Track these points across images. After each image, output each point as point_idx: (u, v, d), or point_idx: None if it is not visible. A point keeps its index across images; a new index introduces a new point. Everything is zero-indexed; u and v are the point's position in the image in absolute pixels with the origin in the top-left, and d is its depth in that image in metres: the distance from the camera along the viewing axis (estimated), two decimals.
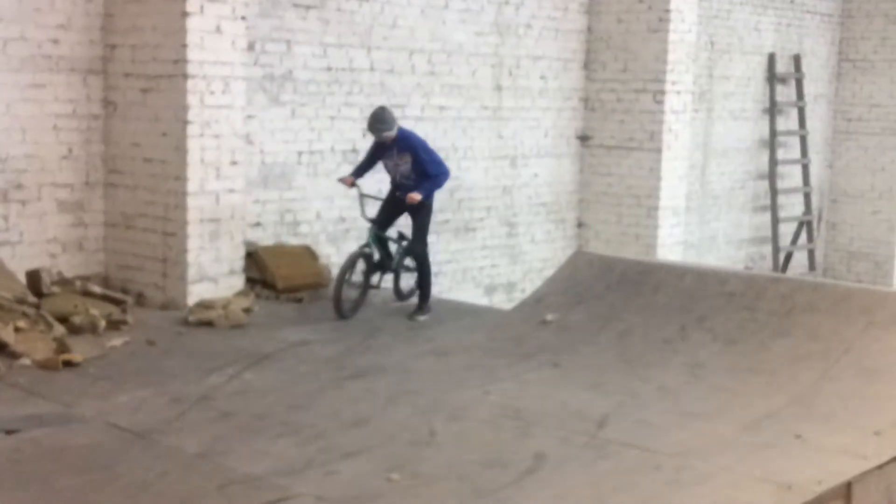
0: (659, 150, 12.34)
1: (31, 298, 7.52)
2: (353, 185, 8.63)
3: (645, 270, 8.41)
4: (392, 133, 8.42)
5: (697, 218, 14.25)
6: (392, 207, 8.72)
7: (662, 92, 12.30)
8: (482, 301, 11.45)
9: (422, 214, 8.61)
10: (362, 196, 8.68)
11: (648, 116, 12.42)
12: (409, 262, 8.88)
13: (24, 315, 7.15)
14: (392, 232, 8.90)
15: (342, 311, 8.32)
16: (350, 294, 8.53)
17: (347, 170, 10.44)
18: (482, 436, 5.79)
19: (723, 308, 7.65)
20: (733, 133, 14.84)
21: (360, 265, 8.61)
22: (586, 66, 12.86)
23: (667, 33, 12.24)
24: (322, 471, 5.17)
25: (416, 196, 8.34)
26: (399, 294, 9.20)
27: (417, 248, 8.68)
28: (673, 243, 12.52)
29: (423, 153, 8.50)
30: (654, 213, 12.38)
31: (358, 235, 10.61)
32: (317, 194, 10.21)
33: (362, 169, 8.73)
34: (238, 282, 8.79)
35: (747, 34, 14.88)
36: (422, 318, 8.58)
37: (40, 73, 8.44)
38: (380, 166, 8.75)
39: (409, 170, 8.51)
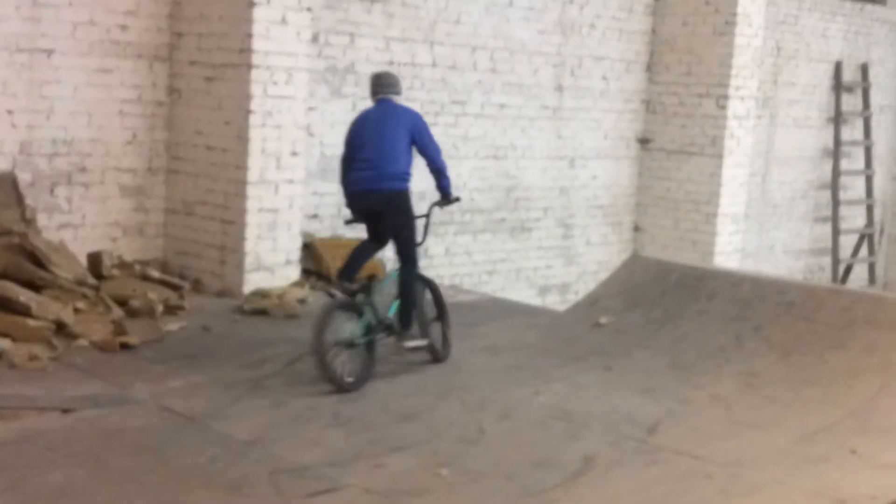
0: (720, 156, 12.20)
1: (91, 280, 7.63)
2: None
3: (701, 277, 8.32)
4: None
5: (756, 226, 14.06)
6: None
7: (726, 97, 12.16)
8: (535, 301, 11.41)
9: None
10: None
11: (711, 121, 12.28)
12: None
13: (84, 297, 7.26)
14: None
15: None
16: None
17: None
18: (531, 436, 5.76)
19: (780, 318, 7.54)
20: (796, 141, 14.62)
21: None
22: (649, 68, 12.76)
23: (733, 37, 12.09)
24: (370, 463, 5.19)
25: None
26: None
27: None
28: (731, 251, 12.37)
29: None
30: (712, 220, 12.24)
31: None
32: None
33: None
34: (294, 272, 8.84)
35: (814, 41, 14.64)
36: None
37: (108, 58, 8.56)
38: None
39: None
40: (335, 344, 6.32)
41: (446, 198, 6.97)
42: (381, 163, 6.61)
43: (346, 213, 9.92)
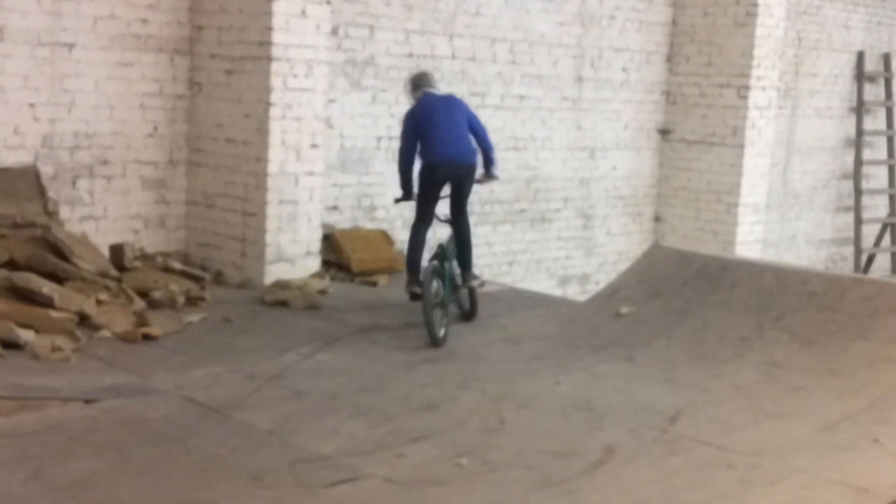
0: (741, 146, 12.16)
1: (114, 272, 7.67)
2: None
3: (723, 267, 8.28)
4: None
5: (778, 216, 13.99)
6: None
7: (747, 87, 12.10)
8: (555, 292, 11.39)
9: None
10: None
11: (732, 112, 12.23)
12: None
13: (106, 288, 7.30)
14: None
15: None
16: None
17: None
18: (552, 426, 5.76)
19: (802, 308, 7.49)
20: (818, 131, 14.53)
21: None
22: (669, 59, 12.70)
23: (754, 28, 12.03)
24: (391, 453, 5.20)
25: None
26: None
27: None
28: (752, 241, 12.32)
29: None
30: (733, 210, 12.20)
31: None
32: (394, 180, 10.19)
33: None
34: (314, 263, 8.87)
35: (836, 31, 14.54)
36: None
37: (129, 51, 8.60)
38: None
39: None
40: (435, 305, 7.25)
41: (489, 173, 7.99)
42: (460, 139, 7.68)
43: (367, 202, 10.06)
